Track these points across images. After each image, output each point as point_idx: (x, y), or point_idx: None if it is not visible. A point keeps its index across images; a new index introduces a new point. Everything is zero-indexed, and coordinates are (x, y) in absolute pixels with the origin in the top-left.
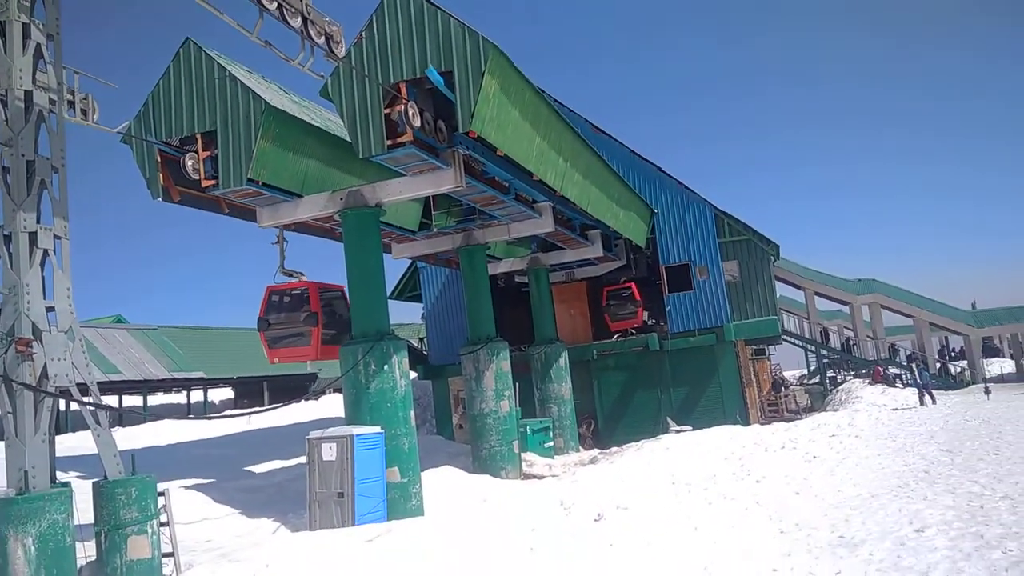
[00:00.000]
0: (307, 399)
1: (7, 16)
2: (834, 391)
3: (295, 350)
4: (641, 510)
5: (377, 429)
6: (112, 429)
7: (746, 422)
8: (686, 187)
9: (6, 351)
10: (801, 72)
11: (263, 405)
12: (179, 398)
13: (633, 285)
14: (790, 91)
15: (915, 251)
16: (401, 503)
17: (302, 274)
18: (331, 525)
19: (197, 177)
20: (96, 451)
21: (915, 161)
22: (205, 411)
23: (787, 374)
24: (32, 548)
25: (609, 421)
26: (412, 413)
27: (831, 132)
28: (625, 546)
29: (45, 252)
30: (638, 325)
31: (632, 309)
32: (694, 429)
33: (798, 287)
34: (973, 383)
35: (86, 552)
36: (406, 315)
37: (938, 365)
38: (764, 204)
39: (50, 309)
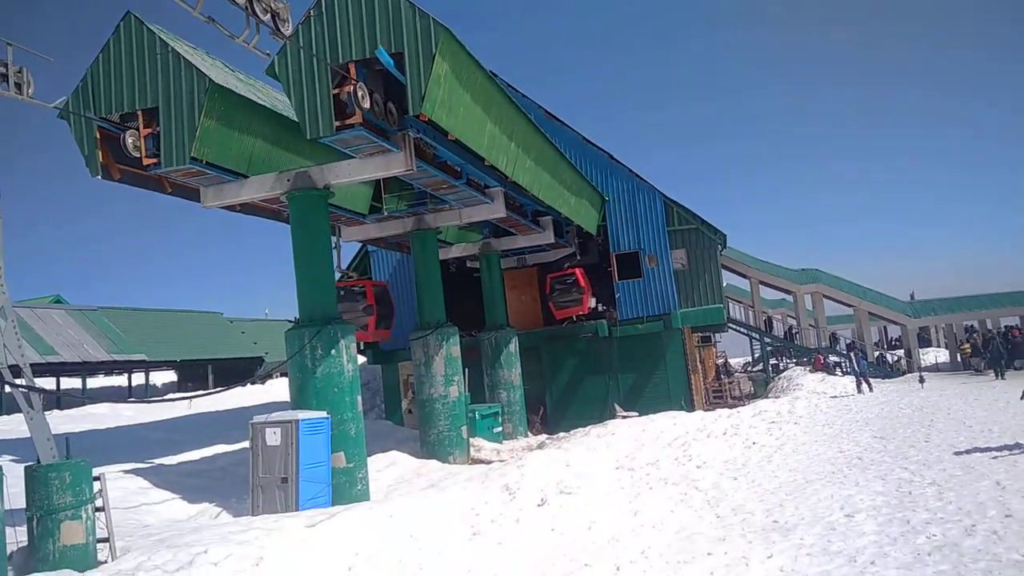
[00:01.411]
0: (252, 383)
1: None
2: (776, 378)
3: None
4: (584, 495)
5: (323, 414)
6: (50, 412)
7: (691, 408)
8: (636, 175)
9: None
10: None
11: (207, 388)
12: (120, 381)
13: (578, 271)
14: (739, 90)
15: (858, 242)
16: (347, 488)
17: (355, 274)
18: (274, 510)
19: (138, 155)
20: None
21: (859, 156)
22: (147, 394)
23: (733, 361)
24: None
25: (558, 407)
26: (359, 398)
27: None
28: (566, 530)
29: None
30: (584, 312)
31: (577, 296)
32: (641, 415)
33: (744, 276)
34: (909, 372)
35: (17, 538)
36: None
37: (876, 354)
38: (711, 201)
39: None
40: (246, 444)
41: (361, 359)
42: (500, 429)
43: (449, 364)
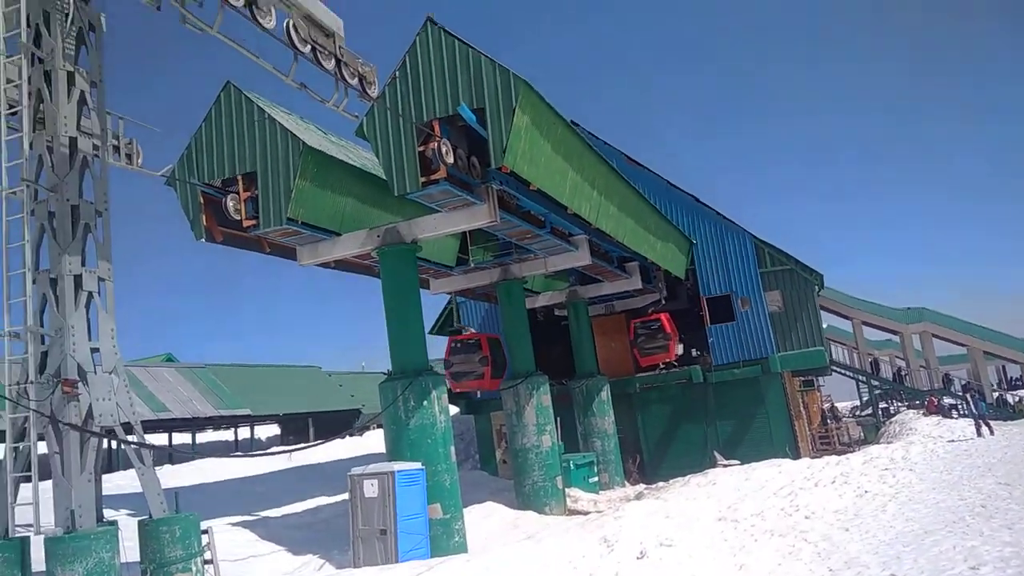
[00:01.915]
0: (347, 436)
1: (52, 66)
2: (887, 423)
3: (472, 383)
4: (685, 547)
5: (418, 465)
6: (161, 467)
7: (796, 455)
8: (725, 217)
9: (53, 392)
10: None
11: (308, 441)
12: (227, 435)
13: (663, 316)
14: (837, 116)
15: (967, 280)
16: (444, 540)
17: (470, 328)
18: (375, 562)
19: (239, 217)
20: None
21: (963, 190)
22: (252, 448)
23: (840, 405)
24: None
25: (655, 455)
26: (452, 449)
27: (874, 161)
28: None
29: (90, 294)
30: (671, 359)
31: (663, 342)
32: (742, 463)
33: (845, 317)
34: None
35: None
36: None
37: (995, 395)
38: (809, 232)
39: (95, 350)
40: (346, 496)
41: (454, 410)
42: (596, 479)
43: (540, 413)
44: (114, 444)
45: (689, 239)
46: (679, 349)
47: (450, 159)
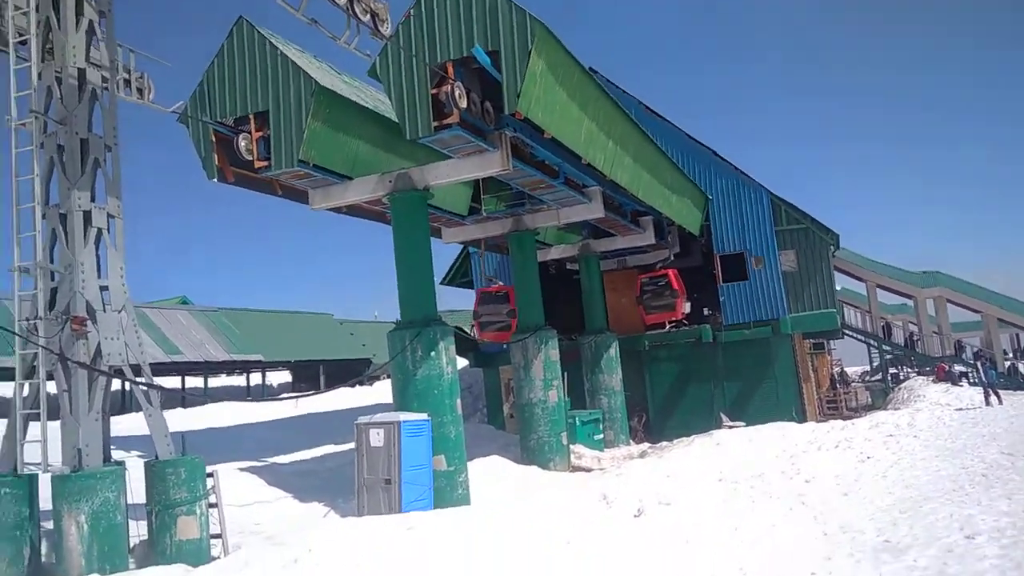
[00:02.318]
0: (356, 384)
1: None
2: (896, 389)
3: (498, 335)
4: (684, 507)
5: (424, 416)
6: (174, 410)
7: (802, 419)
8: (742, 172)
9: (62, 329)
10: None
11: (319, 389)
12: (239, 380)
13: (671, 273)
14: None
15: (988, 245)
16: (448, 492)
17: (499, 280)
18: (379, 511)
19: (251, 158)
20: None
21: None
22: (264, 394)
23: (850, 370)
24: (85, 525)
25: (661, 414)
26: (459, 401)
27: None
28: (662, 543)
29: (99, 231)
30: (678, 318)
31: (669, 300)
32: (748, 425)
33: (860, 279)
34: None
35: (139, 531)
36: (460, 301)
37: (1007, 363)
38: (827, 188)
39: (104, 288)
40: (353, 445)
41: (463, 362)
42: (601, 436)
43: (548, 368)
44: (125, 384)
45: (705, 194)
46: (686, 307)
47: (463, 103)
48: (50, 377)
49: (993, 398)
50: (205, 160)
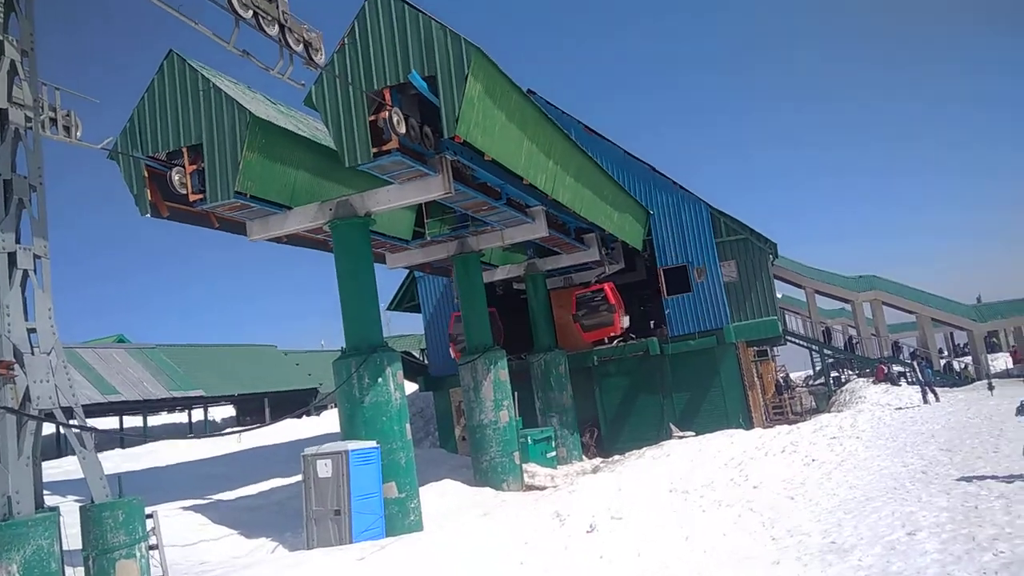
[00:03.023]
0: (303, 415)
1: None
2: (838, 391)
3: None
4: (635, 520)
5: (373, 444)
6: (112, 451)
7: (749, 426)
8: (681, 187)
9: None
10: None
11: (264, 421)
12: (181, 417)
13: (607, 287)
14: (770, 68)
15: (919, 247)
16: (400, 519)
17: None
18: (328, 543)
19: (185, 192)
20: None
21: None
22: (206, 430)
23: (793, 375)
24: (17, 575)
25: (612, 428)
26: (408, 426)
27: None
28: (615, 557)
29: (25, 272)
30: (616, 333)
31: (606, 315)
32: (697, 434)
33: (799, 286)
34: (977, 379)
35: None
36: (407, 326)
37: (943, 362)
38: (764, 196)
39: (32, 331)
40: (300, 477)
41: (412, 387)
42: (554, 454)
43: (498, 388)
44: (59, 427)
45: (646, 209)
46: (625, 321)
47: (402, 129)
48: None
49: (931, 396)
50: (137, 196)
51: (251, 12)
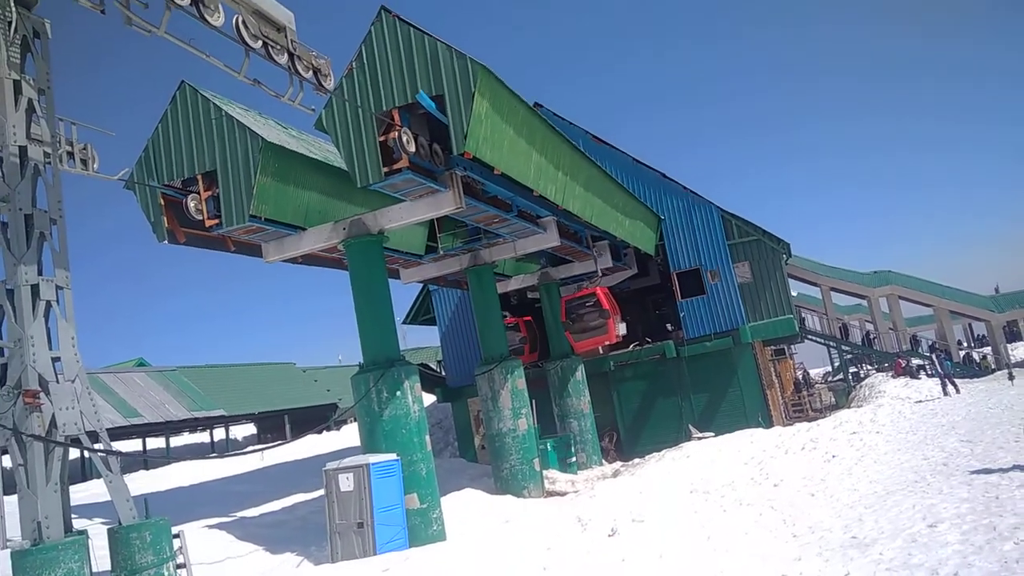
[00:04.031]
0: (323, 430)
1: None
2: (858, 387)
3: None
4: (657, 522)
5: (393, 456)
6: (136, 473)
7: (769, 424)
8: (691, 191)
9: (14, 403)
10: (801, 65)
11: (285, 438)
12: (202, 437)
13: (600, 291)
14: (788, 85)
15: (933, 238)
16: (422, 529)
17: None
18: (353, 556)
19: (201, 217)
20: None
21: (924, 148)
22: (228, 448)
23: (813, 372)
24: None
25: (631, 432)
26: (428, 438)
27: (838, 124)
28: (637, 560)
29: (48, 303)
30: (612, 341)
31: (599, 321)
32: (717, 435)
33: (814, 284)
34: (997, 369)
35: None
36: (423, 338)
37: (962, 353)
38: (775, 200)
39: (56, 359)
40: (323, 492)
41: (429, 398)
42: (574, 459)
43: (516, 397)
44: (84, 452)
45: (657, 215)
46: (621, 328)
47: (411, 148)
48: (4, 452)
49: (950, 388)
50: (155, 224)
51: (260, 42)
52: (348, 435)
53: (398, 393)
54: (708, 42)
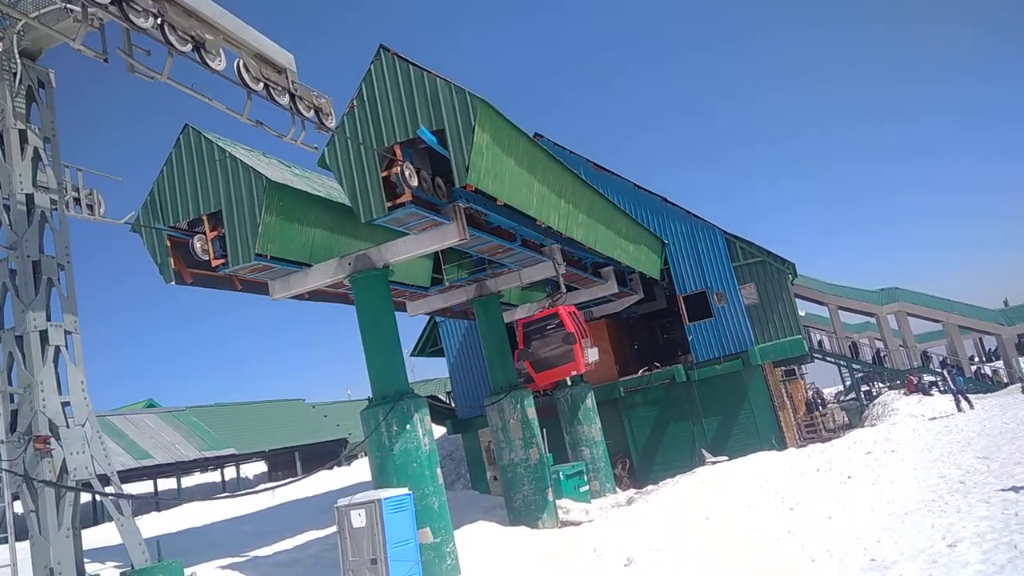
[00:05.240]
0: (334, 466)
1: (3, 124)
2: (870, 405)
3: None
4: (673, 550)
5: (405, 490)
6: (148, 515)
7: (782, 446)
8: (694, 215)
9: (25, 449)
10: (800, 70)
11: (296, 475)
12: (213, 476)
13: (563, 311)
14: (789, 91)
15: (942, 251)
16: (436, 564)
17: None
18: None
19: (207, 257)
20: None
21: (920, 155)
22: (239, 487)
23: (826, 391)
24: None
25: (644, 458)
26: (439, 471)
27: (839, 132)
28: None
29: (57, 348)
30: (580, 371)
31: (563, 347)
32: (730, 458)
33: (821, 303)
34: (1011, 383)
35: None
36: (432, 370)
37: (974, 368)
38: (782, 214)
39: (66, 404)
40: (335, 528)
41: (440, 431)
42: (586, 488)
43: (526, 426)
44: (93, 496)
45: (661, 239)
46: (591, 355)
47: (414, 182)
48: (16, 498)
49: (964, 404)
50: (161, 266)
51: (262, 84)
52: (359, 470)
53: (408, 426)
54: (703, 49)
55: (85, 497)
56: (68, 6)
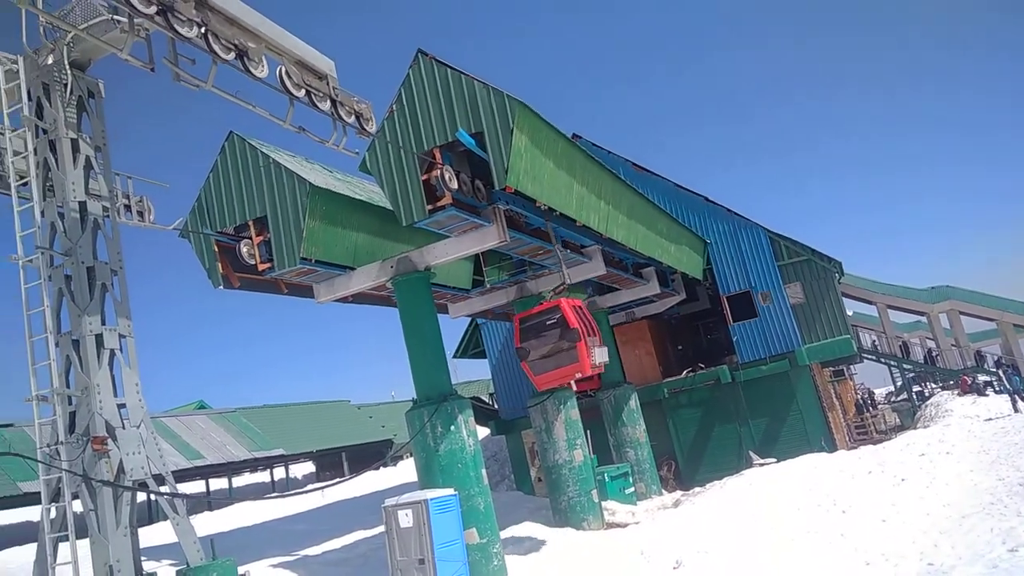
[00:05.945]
0: (379, 467)
1: (56, 134)
2: (923, 406)
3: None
4: (722, 553)
5: (451, 491)
6: (201, 514)
7: (832, 448)
8: (736, 214)
9: (83, 451)
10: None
11: (343, 476)
12: (263, 476)
13: (565, 304)
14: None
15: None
16: (483, 564)
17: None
18: None
19: (253, 262)
20: None
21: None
22: (288, 487)
23: (876, 392)
24: None
25: (690, 460)
26: (484, 471)
27: (894, 139)
28: None
29: (112, 352)
30: (586, 373)
31: (566, 347)
32: (778, 461)
33: (869, 302)
34: None
35: None
36: (474, 372)
37: None
38: (830, 216)
39: (122, 406)
40: (382, 528)
41: (484, 432)
42: (632, 490)
43: (570, 428)
44: (150, 495)
45: (703, 239)
46: (599, 355)
47: (454, 185)
48: (75, 498)
49: (1021, 404)
50: (210, 270)
51: (304, 91)
52: (405, 470)
53: (452, 427)
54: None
55: (141, 497)
56: (115, 17)
